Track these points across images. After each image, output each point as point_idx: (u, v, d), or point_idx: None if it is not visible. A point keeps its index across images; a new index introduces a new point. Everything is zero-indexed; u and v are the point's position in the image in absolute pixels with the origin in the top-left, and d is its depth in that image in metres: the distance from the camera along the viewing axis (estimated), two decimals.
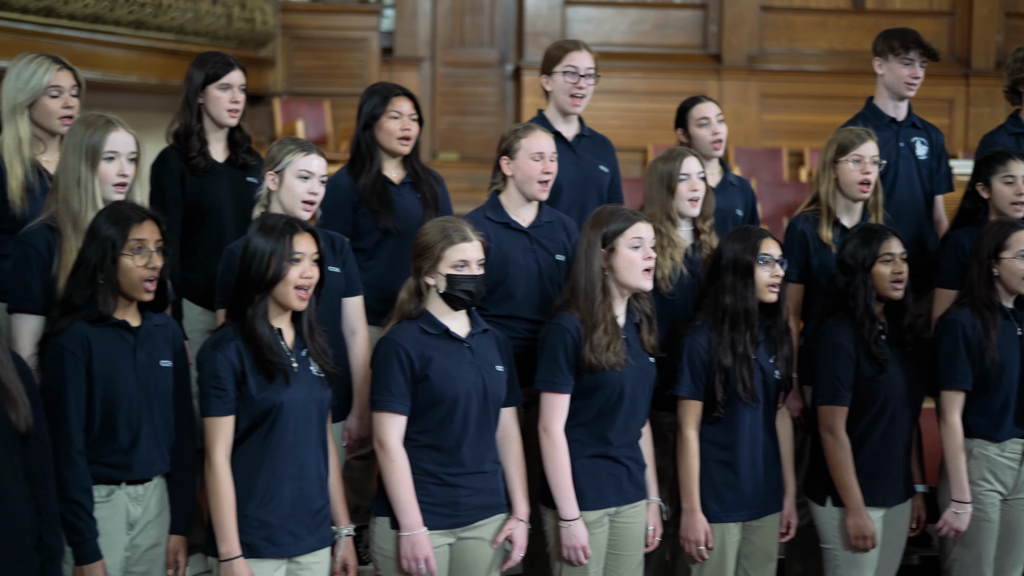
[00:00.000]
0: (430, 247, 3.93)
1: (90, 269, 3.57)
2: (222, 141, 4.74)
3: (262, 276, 3.64)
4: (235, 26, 10.25)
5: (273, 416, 3.65)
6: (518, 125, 4.62)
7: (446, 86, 11.94)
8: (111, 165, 3.89)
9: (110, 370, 3.56)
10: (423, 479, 3.90)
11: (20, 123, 4.26)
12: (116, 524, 3.61)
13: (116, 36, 9.41)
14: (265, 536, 3.66)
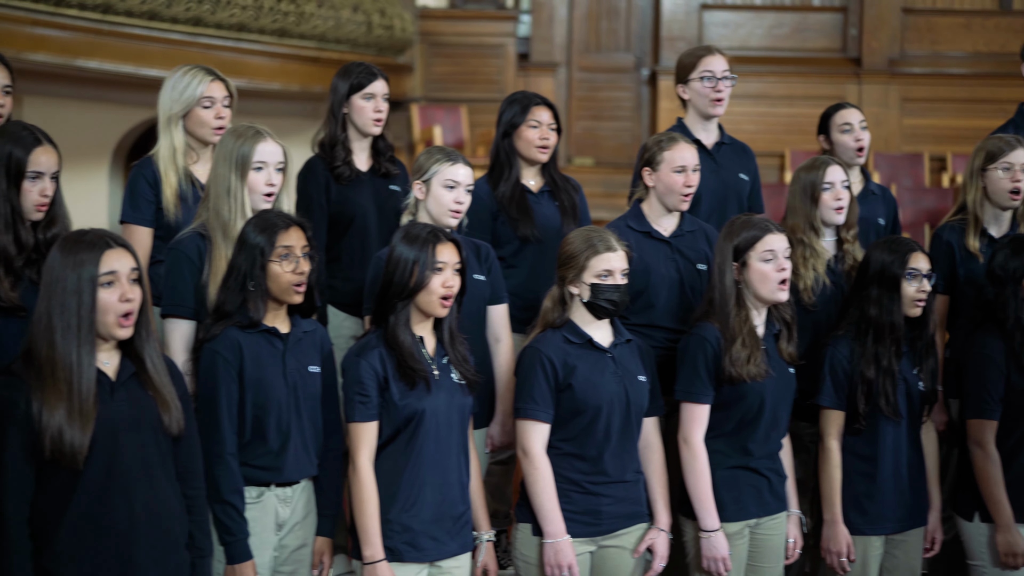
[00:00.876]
0: (575, 256, 3.95)
1: (240, 276, 3.66)
2: (366, 150, 4.81)
3: (405, 284, 3.69)
4: (375, 33, 10.40)
5: (415, 422, 3.70)
6: (661, 135, 4.60)
7: (582, 91, 11.95)
8: (260, 175, 3.96)
9: (261, 375, 3.65)
10: (566, 487, 3.92)
11: (175, 133, 4.37)
12: (265, 525, 3.69)
13: (260, 44, 9.63)
14: (407, 540, 3.71)
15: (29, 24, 8.58)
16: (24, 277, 3.64)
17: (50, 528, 3.17)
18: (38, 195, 3.62)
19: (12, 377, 3.16)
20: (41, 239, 3.66)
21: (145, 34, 9.14)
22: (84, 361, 3.14)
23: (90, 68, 9.28)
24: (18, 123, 3.71)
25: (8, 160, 3.59)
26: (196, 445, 3.45)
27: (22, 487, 3.15)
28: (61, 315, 3.13)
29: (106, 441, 3.18)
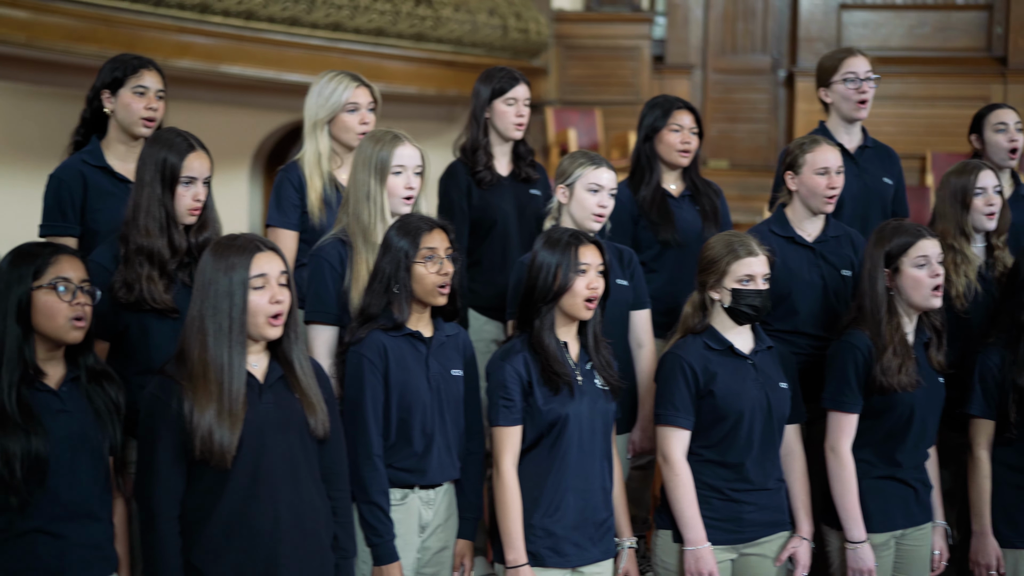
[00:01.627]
0: (715, 261, 3.92)
1: (385, 279, 3.69)
2: (507, 155, 4.83)
3: (549, 288, 3.70)
4: (511, 37, 10.45)
5: (559, 428, 3.70)
6: (803, 139, 4.54)
7: (717, 93, 11.84)
8: (399, 179, 4.00)
9: (405, 378, 3.68)
10: (707, 493, 3.89)
11: (320, 138, 4.43)
12: (409, 527, 3.73)
13: (398, 49, 9.73)
14: (550, 546, 3.71)
15: (175, 31, 8.81)
16: (177, 280, 3.72)
17: (198, 526, 3.24)
18: (191, 200, 3.70)
19: (165, 378, 3.24)
20: (193, 243, 3.73)
21: (286, 40, 9.31)
22: (235, 362, 3.21)
23: (232, 74, 9.50)
24: (172, 129, 3.80)
25: (163, 165, 3.67)
26: (341, 447, 3.49)
27: (173, 485, 3.22)
28: (213, 317, 3.20)
29: (253, 442, 3.23)
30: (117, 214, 3.89)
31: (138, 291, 3.64)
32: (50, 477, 3.13)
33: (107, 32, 8.56)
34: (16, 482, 3.07)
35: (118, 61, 4.21)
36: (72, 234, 4.13)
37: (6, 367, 3.10)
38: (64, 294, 3.14)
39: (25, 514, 3.12)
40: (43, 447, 3.10)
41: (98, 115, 4.23)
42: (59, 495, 3.15)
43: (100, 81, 4.20)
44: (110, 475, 3.30)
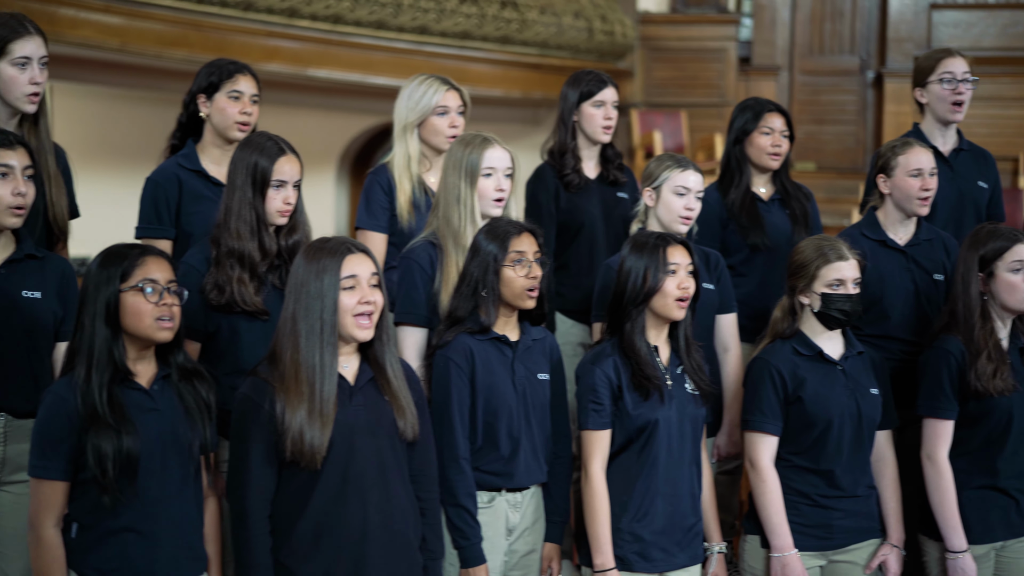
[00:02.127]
0: (805, 265, 3.89)
1: (473, 283, 3.71)
2: (594, 158, 4.83)
3: (639, 290, 3.69)
4: (596, 39, 10.44)
5: (648, 432, 3.69)
6: (896, 140, 4.49)
7: (804, 95, 11.74)
8: (489, 181, 4.00)
9: (492, 381, 3.69)
10: (795, 500, 3.86)
11: (410, 141, 4.46)
12: (496, 530, 3.74)
13: (483, 52, 9.77)
14: (638, 551, 3.71)
15: (264, 36, 8.92)
16: (267, 282, 3.75)
17: (289, 526, 3.26)
18: (282, 203, 3.73)
19: (257, 379, 3.26)
20: (284, 245, 3.76)
21: (372, 43, 9.39)
22: (326, 364, 3.23)
23: (319, 77, 9.60)
24: (263, 133, 3.83)
25: (254, 169, 3.71)
26: (431, 449, 3.49)
27: (264, 486, 3.25)
28: (305, 319, 3.23)
29: (343, 444, 3.25)
30: (211, 217, 3.94)
31: (229, 293, 3.68)
32: (141, 476, 3.15)
33: (197, 37, 8.69)
34: (108, 481, 3.09)
35: (214, 66, 4.26)
36: (167, 236, 4.19)
37: (96, 368, 3.12)
38: (151, 295, 3.15)
39: (116, 513, 3.14)
40: (135, 446, 3.12)
41: (194, 119, 4.29)
42: (149, 494, 3.17)
43: (196, 85, 4.25)
44: (201, 474, 3.32)
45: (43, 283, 3.55)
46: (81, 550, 3.16)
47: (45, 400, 3.16)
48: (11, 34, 3.77)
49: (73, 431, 3.10)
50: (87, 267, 3.20)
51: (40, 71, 3.81)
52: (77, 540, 3.16)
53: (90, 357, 3.13)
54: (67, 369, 3.18)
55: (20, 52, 3.78)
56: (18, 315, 3.48)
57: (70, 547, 3.16)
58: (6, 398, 3.49)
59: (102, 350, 3.13)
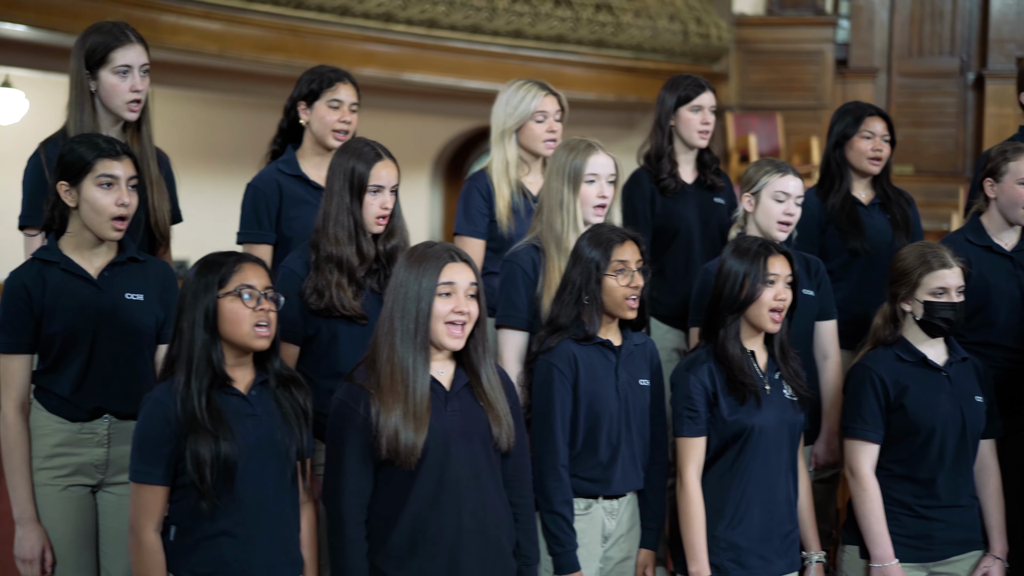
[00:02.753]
0: (908, 273, 3.83)
1: (575, 290, 3.69)
2: (691, 162, 4.80)
3: (735, 297, 3.66)
4: (691, 42, 10.38)
5: (744, 438, 3.66)
6: (1005, 145, 4.40)
7: (902, 97, 11.57)
8: (592, 187, 4.00)
9: (594, 388, 3.68)
10: (896, 510, 3.80)
11: (508, 147, 4.46)
12: (592, 536, 3.72)
13: (577, 55, 9.76)
14: (733, 558, 3.67)
15: (360, 40, 9.00)
16: (366, 287, 3.76)
17: (384, 531, 3.27)
18: (379, 208, 3.75)
19: (352, 384, 3.28)
20: (381, 250, 3.78)
21: (467, 47, 9.43)
22: (419, 366, 3.24)
23: (414, 81, 9.66)
24: (361, 139, 3.85)
25: (351, 175, 3.72)
26: (525, 455, 3.49)
27: (360, 490, 3.26)
28: (402, 320, 3.24)
29: (438, 449, 3.25)
30: (312, 222, 3.97)
31: (328, 298, 3.70)
32: (238, 481, 3.16)
33: (294, 42, 8.79)
34: (206, 487, 3.11)
35: (315, 73, 4.29)
36: (268, 241, 4.23)
37: (195, 374, 3.14)
38: (248, 301, 3.16)
39: (214, 517, 3.16)
40: (232, 451, 3.13)
41: (295, 125, 4.33)
42: (246, 499, 3.18)
43: (297, 92, 4.29)
44: (297, 479, 3.33)
45: (145, 286, 3.59)
46: (179, 553, 3.19)
47: (145, 406, 3.18)
48: (113, 42, 3.83)
49: (172, 436, 3.13)
50: (186, 275, 3.23)
51: (141, 79, 3.87)
52: (175, 543, 3.19)
53: (189, 363, 3.15)
54: (166, 375, 3.21)
55: (121, 60, 3.83)
56: (121, 317, 3.53)
57: (168, 549, 3.19)
58: (109, 400, 3.55)
59: (201, 356, 3.15)
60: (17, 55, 9.03)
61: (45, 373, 3.52)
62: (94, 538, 3.58)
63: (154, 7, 8.07)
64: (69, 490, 3.53)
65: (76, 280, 3.50)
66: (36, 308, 3.47)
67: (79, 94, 3.84)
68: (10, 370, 3.49)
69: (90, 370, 3.52)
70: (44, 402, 3.53)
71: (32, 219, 3.82)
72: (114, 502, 3.56)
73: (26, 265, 3.54)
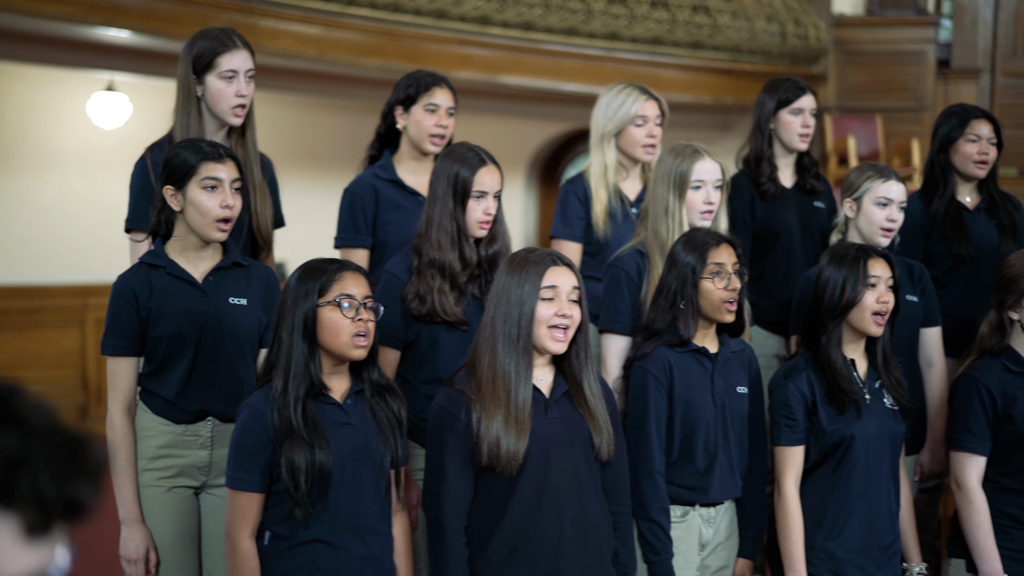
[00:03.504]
0: (1015, 280, 3.75)
1: (671, 295, 3.66)
2: (791, 166, 4.74)
3: (836, 302, 3.61)
4: (789, 43, 10.27)
5: (844, 448, 3.61)
6: None
7: (1006, 98, 11.32)
8: (698, 194, 3.98)
9: (690, 394, 3.65)
10: (1005, 523, 3.72)
11: (607, 151, 4.44)
12: (689, 544, 3.69)
13: (674, 57, 9.70)
14: (833, 569, 3.63)
15: (456, 44, 9.02)
16: (467, 292, 3.77)
17: (485, 537, 3.26)
18: (482, 213, 3.75)
19: (453, 389, 3.28)
20: (484, 255, 3.78)
21: (563, 50, 9.41)
22: (522, 372, 3.22)
23: (510, 84, 9.66)
24: (465, 144, 3.86)
25: (455, 180, 3.73)
26: (624, 463, 3.46)
27: (461, 496, 3.25)
28: (504, 325, 3.23)
29: (539, 456, 3.24)
30: (408, 227, 3.99)
31: (430, 303, 3.72)
32: (333, 489, 3.16)
33: (391, 46, 8.83)
34: (300, 495, 3.11)
35: (412, 78, 4.31)
36: (364, 246, 4.26)
37: (292, 381, 3.14)
38: (348, 310, 3.15)
39: (307, 524, 3.16)
40: (327, 460, 3.13)
41: (392, 130, 4.35)
42: (341, 507, 3.18)
43: (395, 97, 4.31)
44: (391, 488, 3.33)
45: (249, 290, 3.62)
46: (273, 558, 3.20)
47: (242, 413, 3.20)
48: (220, 48, 3.88)
49: (268, 444, 3.14)
50: (286, 281, 3.25)
51: (246, 84, 3.91)
52: (269, 548, 3.20)
53: (287, 371, 3.15)
54: (264, 381, 3.22)
55: (227, 65, 3.87)
56: (225, 322, 3.57)
57: (262, 554, 3.20)
58: (212, 403, 3.58)
59: (299, 364, 3.15)
60: (121, 60, 9.20)
61: (151, 376, 3.57)
62: (196, 539, 3.62)
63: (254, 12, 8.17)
64: (173, 491, 3.57)
65: (182, 284, 3.54)
66: (143, 311, 3.52)
67: (186, 99, 3.89)
68: (117, 372, 3.54)
69: (194, 373, 3.56)
70: (149, 404, 3.58)
71: (138, 222, 3.88)
72: (216, 504, 3.60)
73: (133, 269, 3.59)
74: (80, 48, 8.94)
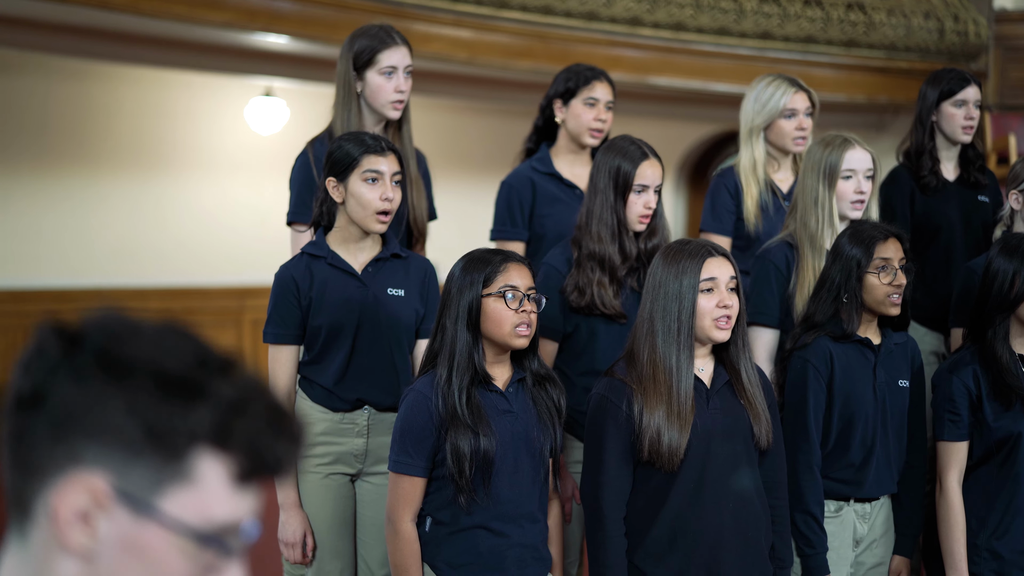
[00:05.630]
0: None
1: (834, 288, 3.61)
2: (954, 159, 4.64)
3: (1005, 296, 3.52)
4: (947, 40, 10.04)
5: (1011, 445, 3.52)
6: None
7: None
8: (848, 184, 3.92)
9: (850, 387, 3.59)
10: None
11: (756, 144, 4.40)
12: (843, 540, 3.64)
13: (827, 56, 9.55)
14: (996, 569, 3.55)
15: (606, 45, 9.02)
16: (626, 285, 3.78)
17: (644, 528, 3.26)
18: (643, 207, 3.75)
19: (614, 380, 3.28)
20: (643, 249, 3.78)
21: (714, 50, 9.33)
22: (683, 365, 3.21)
23: (660, 85, 9.62)
24: (627, 137, 3.86)
25: (616, 173, 3.74)
26: (782, 455, 3.43)
27: (620, 486, 3.25)
28: (663, 319, 3.23)
29: (700, 447, 3.22)
30: (564, 220, 4.00)
31: (589, 296, 3.73)
32: (495, 476, 3.20)
33: (542, 48, 8.87)
34: (464, 480, 3.16)
35: (572, 72, 4.34)
36: (520, 239, 4.29)
37: (457, 370, 3.18)
38: (512, 301, 3.19)
39: (469, 510, 3.20)
40: (491, 447, 3.17)
41: (549, 123, 4.38)
42: (502, 494, 3.22)
43: (553, 90, 4.34)
44: (549, 477, 3.35)
45: (407, 281, 3.67)
46: (434, 543, 3.25)
47: (407, 398, 3.25)
48: (380, 45, 3.96)
49: (433, 429, 3.19)
50: (450, 271, 3.30)
51: (405, 79, 3.98)
52: (430, 534, 3.25)
53: (451, 359, 3.20)
54: (427, 368, 3.27)
55: (387, 62, 3.95)
56: (383, 312, 3.62)
57: (423, 540, 3.25)
58: (370, 391, 3.64)
59: (463, 353, 3.19)
60: (279, 65, 9.40)
61: (310, 364, 3.64)
62: (352, 526, 3.68)
63: (407, 16, 8.28)
64: (330, 478, 3.64)
65: (342, 275, 3.61)
66: (304, 301, 3.59)
67: (346, 95, 3.97)
68: (278, 360, 3.62)
69: (352, 362, 3.62)
70: (308, 392, 3.65)
71: (300, 215, 3.96)
72: (372, 491, 3.66)
73: (295, 259, 3.67)
74: (239, 55, 9.17)
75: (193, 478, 1.20)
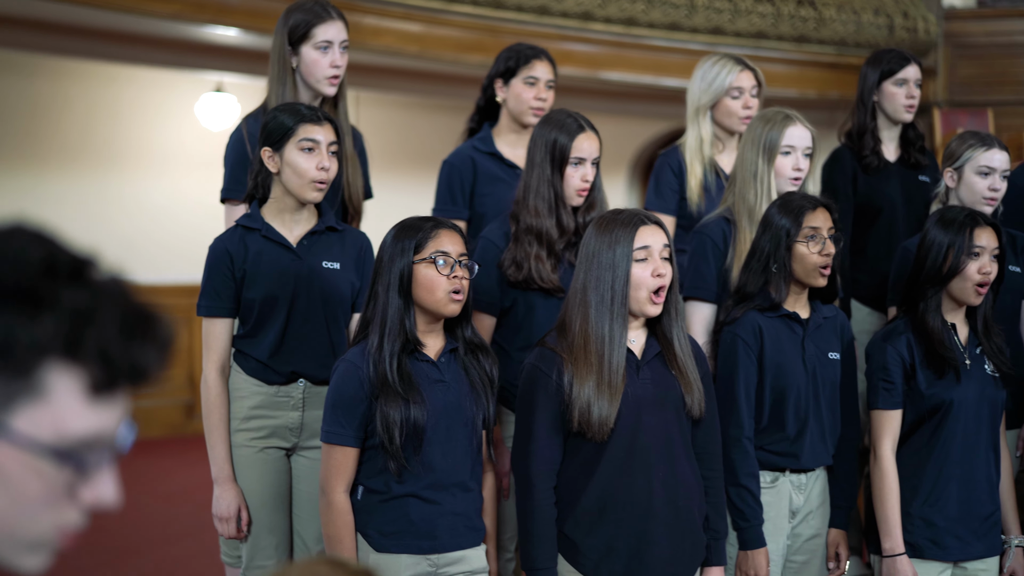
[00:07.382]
0: None
1: (764, 258, 3.62)
2: (895, 139, 4.66)
3: (938, 269, 3.53)
4: (897, 36, 10.09)
5: (942, 413, 3.54)
6: None
7: None
8: (787, 159, 3.93)
9: (780, 359, 3.60)
10: None
11: (702, 123, 4.40)
12: (779, 511, 3.64)
13: (778, 51, 9.60)
14: (930, 537, 3.56)
15: (557, 39, 9.02)
16: (564, 259, 3.76)
17: (573, 498, 3.25)
18: (580, 180, 3.73)
19: (545, 349, 3.27)
20: (581, 223, 3.76)
21: (665, 45, 9.35)
22: (616, 335, 3.20)
23: (612, 80, 9.62)
24: (563, 111, 3.84)
25: (553, 146, 3.72)
26: (715, 426, 3.43)
27: (550, 455, 3.24)
28: (596, 289, 3.21)
29: (630, 417, 3.21)
30: (505, 199, 3.99)
31: (527, 270, 3.71)
32: (426, 445, 3.20)
33: (492, 42, 8.85)
34: (395, 448, 3.15)
35: (512, 51, 4.33)
36: (461, 217, 4.27)
37: (388, 337, 3.17)
38: (443, 267, 3.18)
39: (401, 479, 3.20)
40: (421, 416, 3.16)
41: (491, 103, 4.36)
42: (434, 463, 3.21)
43: (494, 70, 4.32)
44: (482, 447, 3.35)
45: (343, 255, 3.65)
46: (365, 512, 3.24)
47: (338, 368, 3.24)
48: (315, 19, 3.93)
49: (364, 398, 3.18)
50: (383, 239, 3.27)
51: (341, 55, 3.95)
52: (362, 502, 3.24)
53: (383, 326, 3.19)
54: (359, 338, 3.25)
55: (323, 36, 3.92)
56: (318, 285, 3.60)
57: (355, 508, 3.24)
58: (304, 364, 3.61)
59: (394, 320, 3.18)
60: (229, 60, 9.34)
61: (245, 337, 3.61)
62: (287, 500, 3.65)
63: (357, 9, 8.24)
64: (265, 452, 3.61)
65: (276, 247, 3.58)
66: (238, 273, 3.56)
67: (281, 70, 3.94)
68: (212, 333, 3.59)
69: (287, 335, 3.59)
70: (243, 365, 3.62)
71: (233, 192, 3.93)
72: (307, 466, 3.63)
73: (229, 232, 3.64)
74: (189, 49, 9.10)
75: (44, 393, 1.15)
